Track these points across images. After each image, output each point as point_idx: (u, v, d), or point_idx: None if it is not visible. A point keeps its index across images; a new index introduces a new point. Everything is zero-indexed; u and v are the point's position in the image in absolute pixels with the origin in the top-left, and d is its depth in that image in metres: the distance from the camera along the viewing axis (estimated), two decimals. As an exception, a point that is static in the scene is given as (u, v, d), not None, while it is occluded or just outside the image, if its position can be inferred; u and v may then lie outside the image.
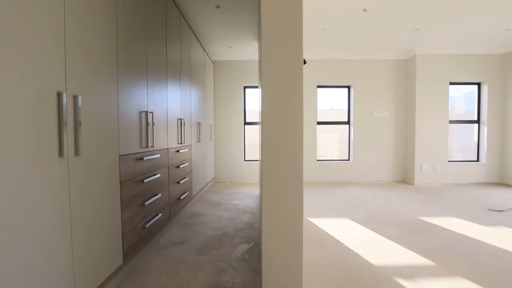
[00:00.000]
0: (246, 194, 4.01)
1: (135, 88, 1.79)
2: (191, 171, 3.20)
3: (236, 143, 5.02)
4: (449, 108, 4.78)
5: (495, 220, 2.75)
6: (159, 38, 2.23)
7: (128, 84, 1.68)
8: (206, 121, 4.13)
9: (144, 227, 1.86)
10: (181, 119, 2.76)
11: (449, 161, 4.78)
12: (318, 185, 4.65)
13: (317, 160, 5.00)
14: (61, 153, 1.09)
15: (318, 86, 5.01)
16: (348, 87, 5.09)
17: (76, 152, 1.18)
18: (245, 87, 5.06)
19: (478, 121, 4.90)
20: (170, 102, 2.46)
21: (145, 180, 1.87)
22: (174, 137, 2.57)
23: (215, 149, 5.00)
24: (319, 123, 5.04)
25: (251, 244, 2.15)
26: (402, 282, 1.61)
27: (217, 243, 2.17)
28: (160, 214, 2.13)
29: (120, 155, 1.57)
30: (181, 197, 2.71)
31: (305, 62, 1.70)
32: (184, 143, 2.87)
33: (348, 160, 5.10)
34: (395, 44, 4.41)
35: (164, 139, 2.31)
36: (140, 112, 1.86)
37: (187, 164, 2.97)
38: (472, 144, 4.98)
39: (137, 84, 1.81)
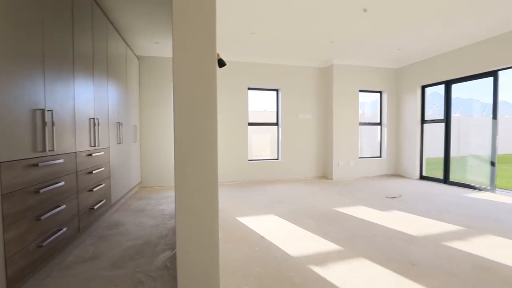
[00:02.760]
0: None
1: (25, 82, 1.50)
2: (109, 177, 2.87)
3: (164, 145, 4.75)
4: (360, 112, 5.56)
5: (389, 206, 3.32)
6: (62, 25, 1.93)
7: (12, 76, 1.40)
8: (129, 121, 3.78)
9: (41, 246, 1.58)
10: (94, 118, 2.46)
11: (359, 158, 5.55)
12: (249, 184, 4.79)
13: (249, 160, 5.14)
14: None
15: (249, 88, 5.16)
16: (277, 90, 5.40)
17: None
18: (174, 86, 4.83)
19: (380, 123, 5.84)
20: (79, 99, 2.16)
21: (42, 190, 1.59)
22: (84, 139, 2.26)
23: (141, 152, 4.62)
24: (250, 124, 5.19)
25: (175, 250, 2.05)
26: (316, 269, 1.79)
27: (137, 254, 2.00)
28: (64, 228, 1.85)
29: (0, 162, 1.29)
30: (95, 207, 2.40)
31: (224, 64, 1.72)
32: (98, 146, 2.56)
33: (277, 159, 5.40)
34: (316, 53, 4.89)
35: (71, 142, 2.02)
36: (34, 110, 1.57)
37: (103, 169, 2.66)
38: (376, 143, 5.91)
39: (27, 77, 1.52)
